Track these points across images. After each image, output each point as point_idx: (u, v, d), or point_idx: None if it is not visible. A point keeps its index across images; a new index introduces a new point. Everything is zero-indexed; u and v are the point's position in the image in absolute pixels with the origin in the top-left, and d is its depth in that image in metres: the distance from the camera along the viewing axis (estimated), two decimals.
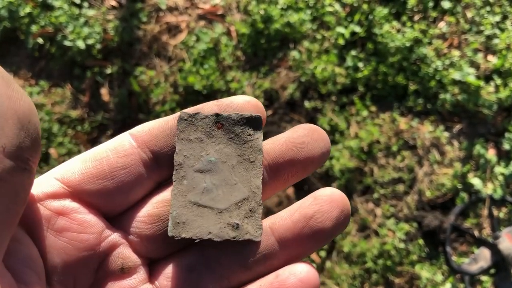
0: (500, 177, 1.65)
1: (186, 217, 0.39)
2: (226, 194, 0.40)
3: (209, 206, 0.40)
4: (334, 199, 0.38)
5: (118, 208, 0.40)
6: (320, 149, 0.41)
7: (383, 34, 1.78)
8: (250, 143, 0.42)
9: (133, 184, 0.39)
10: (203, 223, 0.39)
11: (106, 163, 0.38)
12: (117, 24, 1.82)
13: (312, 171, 0.42)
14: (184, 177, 0.40)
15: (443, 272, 1.58)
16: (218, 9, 1.87)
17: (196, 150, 0.41)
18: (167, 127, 0.40)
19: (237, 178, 0.41)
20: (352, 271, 1.55)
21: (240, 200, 0.40)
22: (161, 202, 0.40)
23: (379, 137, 1.68)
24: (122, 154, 0.38)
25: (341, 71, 1.76)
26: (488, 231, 1.64)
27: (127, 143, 0.39)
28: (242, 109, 0.41)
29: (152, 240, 0.39)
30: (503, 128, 1.73)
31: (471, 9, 1.90)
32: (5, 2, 1.78)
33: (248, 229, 0.39)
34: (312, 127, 0.41)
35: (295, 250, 0.39)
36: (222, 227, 0.39)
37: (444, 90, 1.75)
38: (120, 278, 0.38)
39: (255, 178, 0.41)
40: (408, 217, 1.62)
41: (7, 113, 0.29)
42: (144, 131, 0.40)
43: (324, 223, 0.38)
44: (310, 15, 1.84)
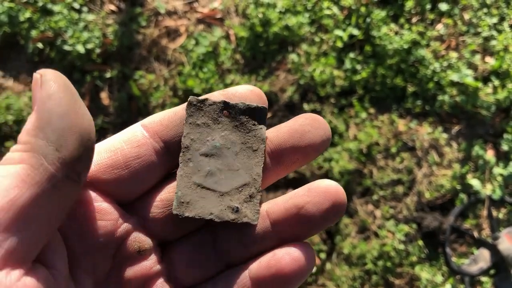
0: (499, 178, 1.65)
1: (190, 197, 0.42)
2: (229, 179, 0.43)
3: (212, 189, 0.42)
4: (328, 192, 0.40)
5: (132, 195, 0.42)
6: (321, 137, 0.43)
7: (381, 36, 1.79)
8: (254, 132, 0.44)
9: (146, 172, 0.41)
10: (206, 204, 0.42)
11: (121, 154, 0.40)
12: (117, 29, 1.83)
13: (313, 158, 0.44)
14: (190, 160, 0.42)
15: (443, 273, 1.58)
16: (217, 13, 1.88)
17: (202, 134, 0.43)
18: (176, 117, 0.43)
19: (240, 164, 0.43)
20: (352, 272, 1.55)
21: (241, 186, 0.42)
22: (172, 187, 0.43)
23: (378, 139, 1.69)
24: (136, 144, 0.40)
25: (340, 74, 1.77)
26: (487, 232, 1.64)
27: (140, 134, 0.41)
28: (246, 98, 0.43)
29: (164, 223, 0.42)
30: (501, 129, 1.74)
31: (469, 11, 1.91)
32: (5, 7, 1.79)
33: (246, 213, 0.41)
34: (313, 116, 0.43)
35: (286, 234, 0.41)
36: (223, 209, 0.42)
37: (442, 91, 1.76)
38: (137, 260, 0.41)
39: (256, 166, 0.43)
40: (407, 219, 1.62)
41: (73, 128, 0.33)
42: (155, 122, 0.42)
43: (314, 214, 0.40)
44: (308, 18, 1.85)
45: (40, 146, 0.31)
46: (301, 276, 0.39)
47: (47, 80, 0.33)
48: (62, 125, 0.32)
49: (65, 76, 0.35)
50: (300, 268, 0.39)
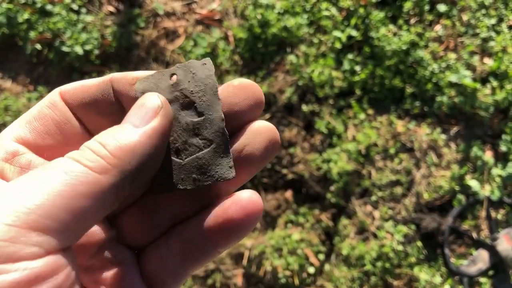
0: (497, 179, 1.65)
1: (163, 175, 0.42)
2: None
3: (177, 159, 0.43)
4: (263, 131, 0.41)
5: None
6: (250, 107, 0.41)
7: (380, 37, 1.79)
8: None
9: (80, 137, 0.42)
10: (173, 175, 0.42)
11: (51, 119, 0.41)
12: (115, 30, 1.83)
13: (243, 127, 0.43)
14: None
15: (441, 274, 1.58)
16: (216, 14, 1.88)
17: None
18: (91, 90, 0.42)
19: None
20: (351, 273, 1.55)
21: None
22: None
23: (377, 140, 1.69)
24: (51, 105, 0.41)
25: (338, 75, 1.77)
26: (486, 233, 1.64)
27: (58, 99, 0.41)
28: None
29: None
30: (500, 130, 1.74)
31: (467, 12, 1.91)
32: (4, 9, 1.79)
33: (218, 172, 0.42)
34: (241, 84, 0.41)
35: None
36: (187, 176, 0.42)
37: (440, 92, 1.76)
38: (113, 266, 0.41)
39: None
40: (406, 220, 1.62)
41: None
42: (68, 89, 0.42)
43: (254, 153, 0.41)
44: (307, 19, 1.85)
45: (122, 166, 0.34)
46: (250, 223, 0.39)
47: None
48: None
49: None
50: (249, 215, 0.39)
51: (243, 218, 0.39)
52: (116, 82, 0.42)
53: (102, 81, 0.42)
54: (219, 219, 0.39)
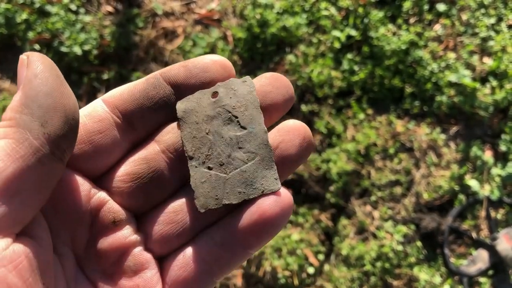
0: (497, 179, 1.65)
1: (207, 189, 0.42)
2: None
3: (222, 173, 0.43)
4: (296, 129, 0.41)
5: (99, 170, 0.42)
6: (283, 96, 0.42)
7: (379, 37, 1.79)
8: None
9: (110, 146, 0.41)
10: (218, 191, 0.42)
11: (83, 129, 0.40)
12: (114, 30, 1.83)
13: (277, 119, 0.44)
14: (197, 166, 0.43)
15: (441, 274, 1.58)
16: (214, 14, 1.88)
17: (199, 133, 0.43)
18: (136, 90, 0.42)
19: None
20: (351, 274, 1.55)
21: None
22: (137, 161, 0.42)
23: (376, 139, 1.69)
24: (97, 119, 0.40)
25: (338, 75, 1.76)
26: (486, 233, 1.64)
27: (100, 108, 0.41)
28: (209, 68, 0.43)
29: (134, 197, 0.42)
30: (499, 130, 1.73)
31: (466, 12, 1.91)
32: (2, 9, 1.78)
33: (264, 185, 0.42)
34: (274, 75, 0.43)
35: None
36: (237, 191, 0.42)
37: (440, 92, 1.75)
38: (112, 231, 0.41)
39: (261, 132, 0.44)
40: (405, 220, 1.62)
41: (58, 106, 0.33)
42: (115, 96, 0.42)
43: (289, 151, 0.41)
44: (306, 19, 1.85)
45: (25, 121, 0.32)
46: (284, 217, 0.39)
47: (34, 60, 0.34)
48: (47, 103, 0.33)
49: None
50: (283, 209, 0.39)
51: (278, 212, 0.39)
52: (167, 73, 0.43)
53: (150, 77, 0.43)
54: (254, 216, 0.39)
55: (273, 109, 0.43)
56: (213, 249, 0.41)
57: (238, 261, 0.41)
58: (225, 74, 0.43)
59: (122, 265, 0.41)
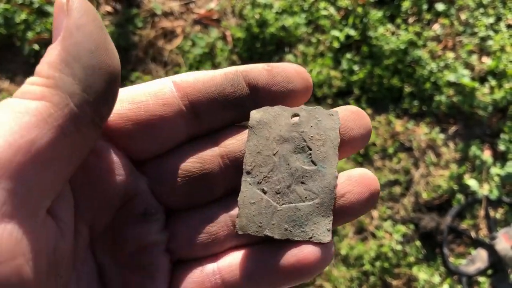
0: (496, 178, 1.65)
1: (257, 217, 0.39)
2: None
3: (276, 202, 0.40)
4: (367, 182, 0.39)
5: (147, 155, 0.39)
6: (361, 136, 0.40)
7: (378, 37, 1.79)
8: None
9: (167, 134, 0.38)
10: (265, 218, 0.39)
11: (144, 108, 0.37)
12: (113, 30, 1.83)
13: (348, 155, 0.42)
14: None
15: (440, 273, 1.58)
16: (214, 13, 1.88)
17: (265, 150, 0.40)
18: (212, 83, 0.39)
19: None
20: (350, 273, 1.55)
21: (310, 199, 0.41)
22: (192, 158, 0.39)
23: (375, 139, 1.69)
24: (162, 102, 0.37)
25: (337, 74, 1.77)
26: (485, 232, 1.64)
27: (169, 91, 0.37)
28: (292, 80, 0.40)
29: (176, 192, 0.39)
30: (498, 129, 1.74)
31: (465, 11, 1.91)
32: (1, 9, 1.78)
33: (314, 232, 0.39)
34: (358, 111, 0.41)
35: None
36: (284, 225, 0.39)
37: (439, 92, 1.76)
38: (139, 223, 0.38)
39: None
40: (404, 219, 1.62)
41: (102, 67, 0.29)
42: (188, 82, 0.38)
43: (354, 203, 0.38)
44: (305, 18, 1.85)
45: (65, 83, 0.28)
46: (317, 270, 0.37)
47: (75, 8, 0.29)
48: (91, 63, 0.29)
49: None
50: (322, 263, 0.37)
51: (316, 265, 0.36)
52: (249, 73, 0.39)
53: (230, 72, 0.39)
54: (291, 259, 0.37)
55: (349, 146, 0.40)
56: (236, 275, 0.38)
57: None
58: (305, 89, 0.40)
59: (136, 259, 0.38)
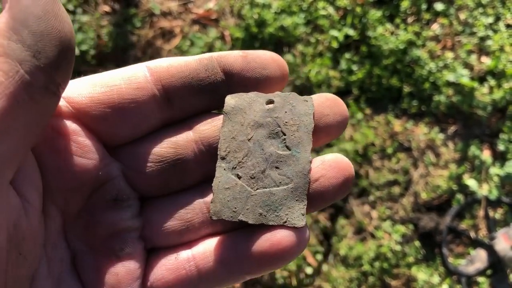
0: (495, 178, 1.65)
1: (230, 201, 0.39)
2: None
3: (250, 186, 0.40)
4: (341, 167, 0.38)
5: (120, 140, 0.39)
6: (338, 122, 0.40)
7: (377, 36, 1.79)
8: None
9: (140, 119, 0.38)
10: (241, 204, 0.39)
11: (117, 92, 0.36)
12: (111, 30, 1.82)
13: (324, 143, 0.41)
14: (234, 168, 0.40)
15: (439, 273, 1.58)
16: (212, 13, 1.88)
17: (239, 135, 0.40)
18: (186, 68, 0.39)
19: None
20: (349, 274, 1.54)
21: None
22: (166, 143, 0.39)
23: (374, 139, 1.68)
24: (135, 86, 0.37)
25: (335, 74, 1.76)
26: (484, 232, 1.64)
27: (142, 75, 0.38)
28: (268, 66, 0.40)
29: (150, 178, 0.39)
30: (497, 129, 1.73)
31: (464, 11, 1.90)
32: None
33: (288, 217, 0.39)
34: (334, 98, 0.40)
35: None
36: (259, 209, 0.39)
37: (438, 91, 1.75)
38: (111, 209, 0.38)
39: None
40: (404, 219, 1.62)
41: (52, 32, 0.29)
42: (162, 67, 0.38)
43: (328, 188, 0.38)
44: (304, 18, 1.85)
45: (14, 50, 0.27)
46: (293, 254, 0.36)
47: None
48: (40, 28, 0.28)
49: None
50: (297, 247, 0.36)
51: (291, 249, 0.36)
52: (224, 59, 0.39)
53: (204, 58, 0.39)
54: (265, 243, 0.36)
55: (325, 132, 0.40)
56: (210, 262, 0.37)
57: (231, 282, 0.38)
58: (280, 76, 0.40)
59: (109, 245, 0.38)
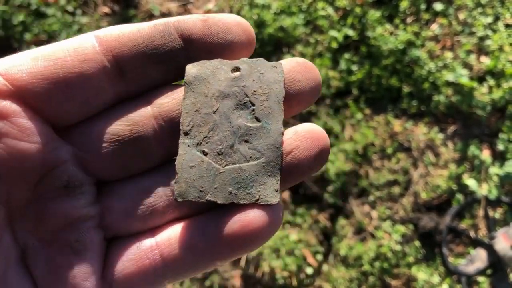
0: (495, 178, 1.65)
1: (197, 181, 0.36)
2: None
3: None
4: (315, 137, 0.36)
5: (70, 119, 0.35)
6: (310, 88, 0.37)
7: (376, 37, 1.79)
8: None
9: (90, 94, 0.34)
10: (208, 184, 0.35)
11: (61, 65, 0.32)
12: None
13: (297, 111, 0.38)
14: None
15: (439, 273, 1.58)
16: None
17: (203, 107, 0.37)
18: (139, 35, 0.35)
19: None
20: (349, 274, 1.55)
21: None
22: (122, 120, 0.35)
23: (374, 139, 1.69)
24: (82, 57, 0.33)
25: (335, 75, 1.76)
26: (484, 232, 1.64)
27: (90, 46, 0.33)
28: (231, 30, 0.36)
29: (106, 160, 0.35)
30: (497, 129, 1.73)
31: (463, 11, 1.91)
32: None
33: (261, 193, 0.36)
34: (305, 62, 0.37)
35: None
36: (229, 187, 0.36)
37: (437, 91, 1.75)
38: (63, 197, 0.34)
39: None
40: (404, 219, 1.62)
41: None
42: (112, 35, 0.34)
43: (302, 160, 0.35)
44: (303, 19, 1.85)
45: None
46: (266, 235, 0.33)
47: None
48: None
49: None
50: (269, 226, 0.33)
51: (264, 229, 0.33)
52: (181, 24, 0.35)
53: (159, 23, 0.35)
54: (235, 225, 0.33)
55: (297, 99, 0.36)
56: (175, 249, 0.34)
57: (199, 269, 0.35)
58: (246, 41, 0.36)
59: (62, 237, 0.34)
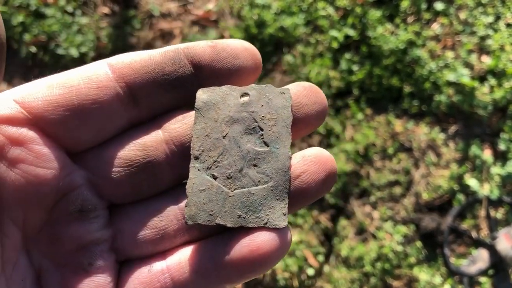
0: (496, 178, 1.64)
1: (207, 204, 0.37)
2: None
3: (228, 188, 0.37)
4: (322, 161, 0.36)
5: (84, 145, 0.36)
6: (317, 112, 0.37)
7: (377, 36, 1.78)
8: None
9: (104, 120, 0.35)
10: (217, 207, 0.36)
11: (76, 93, 0.34)
12: (110, 32, 1.82)
13: (304, 135, 0.39)
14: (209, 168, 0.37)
15: (441, 274, 1.57)
16: (211, 14, 1.87)
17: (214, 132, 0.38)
18: (150, 62, 0.36)
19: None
20: (351, 275, 1.54)
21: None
22: (134, 145, 0.36)
23: (375, 140, 1.68)
24: (96, 85, 0.34)
25: (336, 75, 1.76)
26: (485, 232, 1.63)
27: (103, 74, 0.35)
28: (239, 56, 0.37)
29: (119, 184, 0.36)
30: (498, 129, 1.73)
31: (464, 10, 1.90)
32: None
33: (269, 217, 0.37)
34: (312, 87, 0.38)
35: None
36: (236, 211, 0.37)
37: (439, 91, 1.75)
38: (76, 221, 0.35)
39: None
40: (405, 220, 1.61)
41: None
42: (124, 63, 0.36)
43: (310, 184, 0.36)
44: (304, 19, 1.84)
45: None
46: (275, 259, 0.34)
47: None
48: None
49: None
50: (278, 251, 0.34)
51: (273, 253, 0.33)
52: (191, 50, 0.36)
53: (170, 50, 0.36)
54: (244, 249, 0.33)
55: (304, 123, 0.37)
56: (186, 273, 0.35)
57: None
58: (253, 66, 0.37)
59: (76, 260, 0.35)
